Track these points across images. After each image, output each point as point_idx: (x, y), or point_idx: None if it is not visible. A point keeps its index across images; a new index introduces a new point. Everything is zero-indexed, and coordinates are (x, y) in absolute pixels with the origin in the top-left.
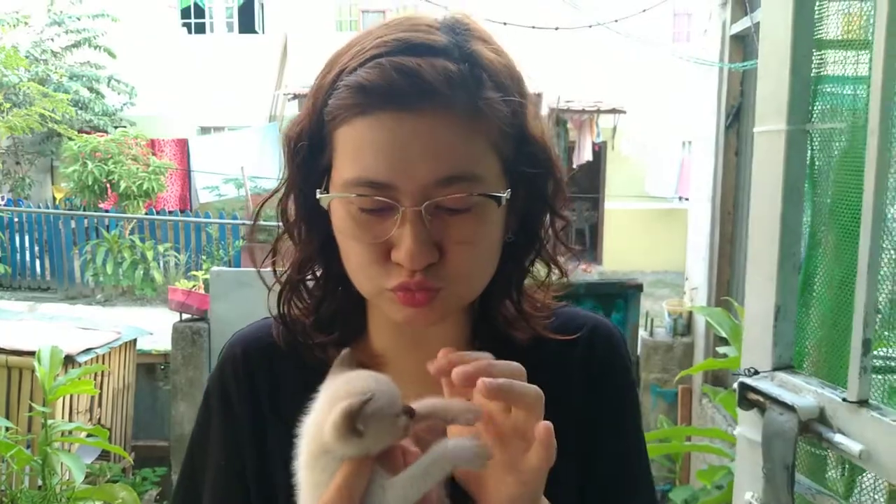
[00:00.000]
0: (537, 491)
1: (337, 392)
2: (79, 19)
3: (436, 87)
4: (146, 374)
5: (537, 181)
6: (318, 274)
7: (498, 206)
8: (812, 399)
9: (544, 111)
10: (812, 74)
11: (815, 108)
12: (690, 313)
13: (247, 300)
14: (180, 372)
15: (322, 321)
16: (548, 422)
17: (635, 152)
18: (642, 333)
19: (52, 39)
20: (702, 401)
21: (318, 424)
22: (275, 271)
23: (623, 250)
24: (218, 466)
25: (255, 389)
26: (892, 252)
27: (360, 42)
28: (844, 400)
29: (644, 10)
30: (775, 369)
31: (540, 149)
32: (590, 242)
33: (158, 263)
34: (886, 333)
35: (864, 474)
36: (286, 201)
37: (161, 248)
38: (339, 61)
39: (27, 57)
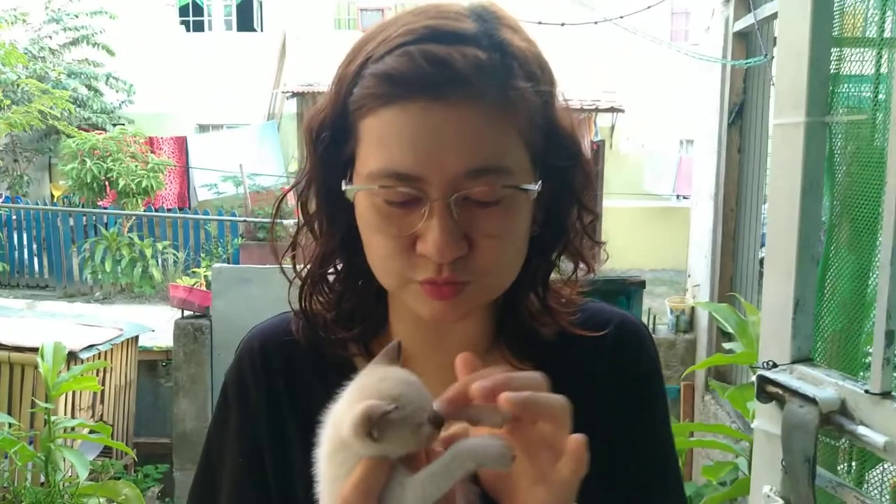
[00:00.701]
0: (568, 501)
1: (367, 388)
2: (77, 17)
3: (466, 75)
4: (148, 371)
5: (566, 174)
6: (339, 268)
7: (527, 199)
8: (833, 391)
9: None
10: (831, 70)
11: (834, 101)
12: (693, 310)
13: (249, 296)
14: (182, 369)
15: (343, 316)
16: (580, 434)
17: (634, 151)
18: None
19: (51, 37)
20: (704, 397)
21: (340, 416)
22: (294, 266)
23: (622, 248)
24: (235, 462)
25: (274, 384)
26: None
27: (387, 29)
28: (867, 392)
29: (649, 7)
30: (794, 362)
31: (569, 140)
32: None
33: (157, 261)
34: None
35: (872, 469)
36: (307, 194)
37: (160, 246)
38: (364, 49)
39: (25, 54)
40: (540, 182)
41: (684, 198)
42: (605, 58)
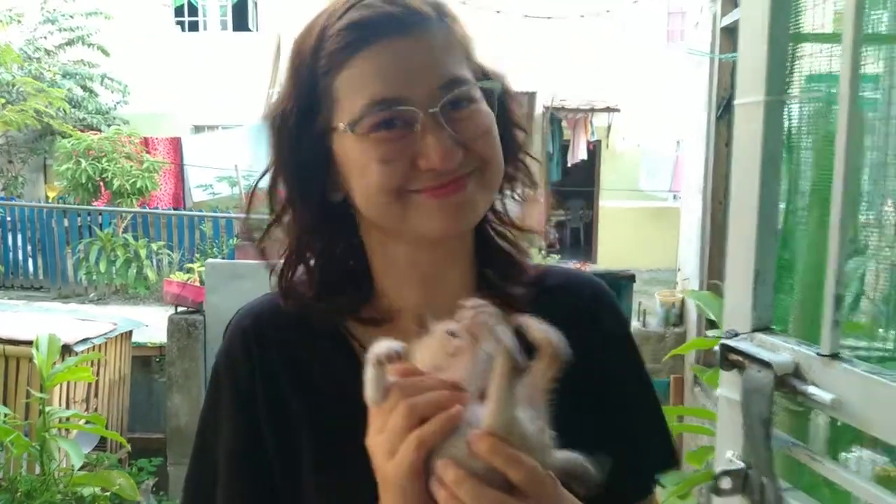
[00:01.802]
0: None
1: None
2: (72, 17)
3: (422, 11)
4: (142, 367)
5: (499, 95)
6: (317, 245)
7: (491, 101)
8: (788, 356)
9: (539, 110)
10: (789, 51)
11: (792, 80)
12: (682, 303)
13: (243, 292)
14: (176, 364)
15: (327, 288)
16: None
17: (630, 150)
18: (635, 324)
19: (45, 38)
20: (694, 389)
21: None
22: (268, 261)
23: (618, 248)
24: (230, 449)
25: (271, 362)
26: (864, 216)
27: (332, 5)
28: (818, 354)
29: (635, 1)
30: (754, 330)
31: (494, 72)
32: (584, 240)
33: (152, 262)
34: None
35: (849, 452)
36: (275, 183)
37: (154, 247)
38: (316, 24)
39: (20, 54)
40: (499, 84)
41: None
42: (600, 57)
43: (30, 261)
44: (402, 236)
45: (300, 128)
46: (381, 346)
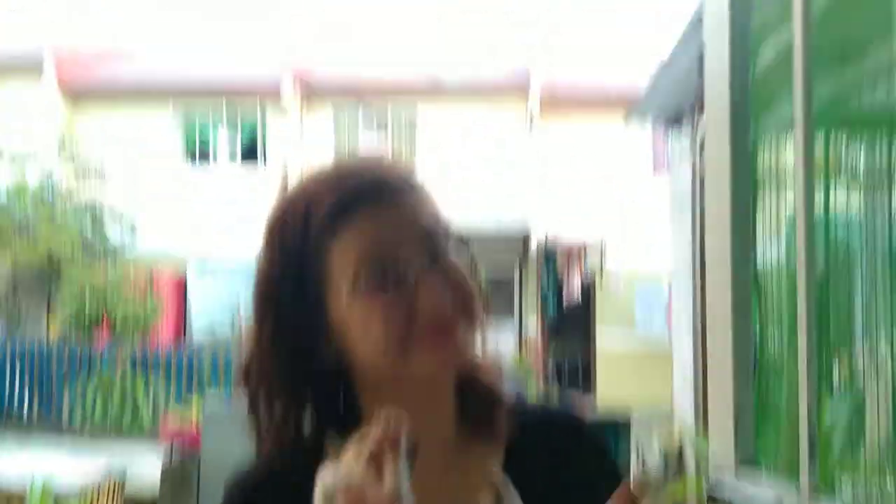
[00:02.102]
0: None
1: None
2: (86, 156)
3: (398, 179)
4: None
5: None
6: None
7: (462, 254)
8: (770, 493)
9: (533, 247)
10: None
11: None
12: (681, 446)
13: (241, 437)
14: None
15: (318, 431)
16: None
17: (624, 286)
18: (634, 471)
19: (59, 176)
20: None
21: None
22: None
23: (617, 387)
24: None
25: None
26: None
27: (313, 179)
28: (798, 490)
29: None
30: (741, 463)
31: (454, 227)
32: (582, 380)
33: (148, 401)
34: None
35: None
36: (256, 359)
37: (152, 386)
38: (299, 197)
39: (37, 191)
40: (467, 240)
41: None
42: (592, 196)
43: (25, 395)
44: (397, 380)
45: (292, 298)
46: (327, 473)
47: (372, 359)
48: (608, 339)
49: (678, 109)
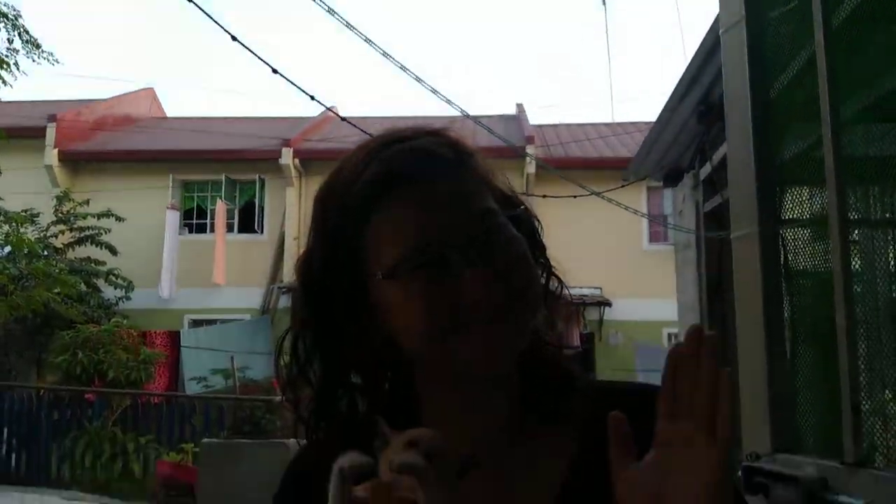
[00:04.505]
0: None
1: None
2: (84, 218)
3: (442, 155)
4: None
5: (521, 217)
6: (362, 386)
7: (518, 225)
8: (813, 470)
9: None
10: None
11: (782, 211)
12: None
13: (237, 474)
14: None
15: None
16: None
17: (623, 343)
18: None
19: (56, 236)
20: None
21: None
22: (305, 423)
23: None
24: None
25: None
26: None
27: (351, 159)
28: (843, 463)
29: (623, 185)
30: (775, 451)
31: (514, 196)
32: None
33: (138, 456)
34: None
35: None
36: (301, 340)
37: (143, 440)
38: (338, 179)
39: (28, 252)
40: (523, 208)
41: None
42: (592, 251)
43: (13, 452)
44: (447, 370)
45: (333, 279)
46: (346, 458)
47: (416, 347)
48: None
49: (677, 165)
